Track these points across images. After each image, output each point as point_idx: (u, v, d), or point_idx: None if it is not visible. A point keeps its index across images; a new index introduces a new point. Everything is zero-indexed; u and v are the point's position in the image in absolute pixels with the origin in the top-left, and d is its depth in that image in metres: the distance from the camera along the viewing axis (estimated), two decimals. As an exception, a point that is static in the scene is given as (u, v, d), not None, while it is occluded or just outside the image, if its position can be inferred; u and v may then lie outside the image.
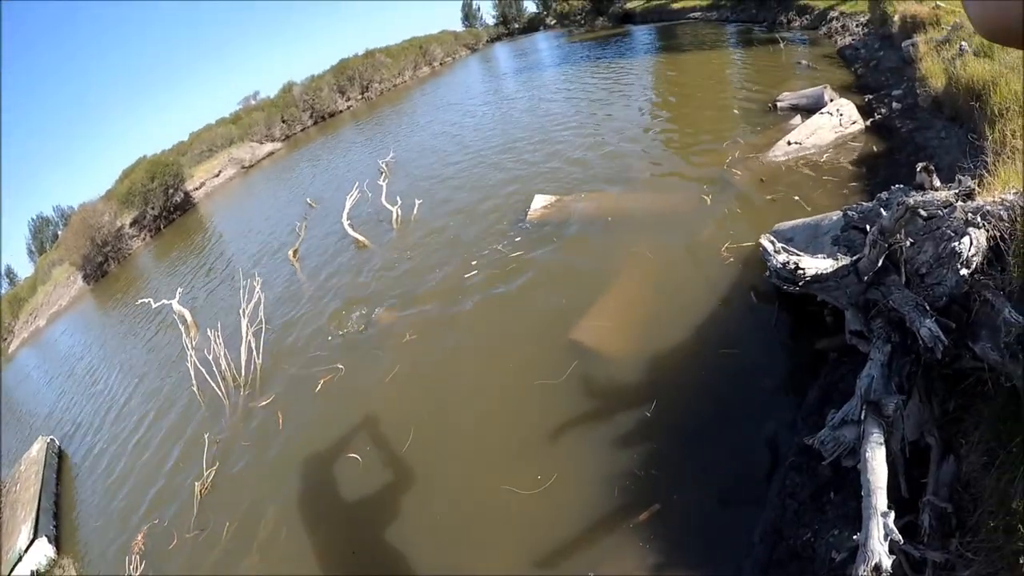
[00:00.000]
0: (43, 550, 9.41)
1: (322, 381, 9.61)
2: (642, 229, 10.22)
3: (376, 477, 7.24)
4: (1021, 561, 2.84)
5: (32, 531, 9.65)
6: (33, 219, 56.79)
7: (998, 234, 3.98)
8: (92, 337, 22.19)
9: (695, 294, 8.03)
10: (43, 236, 55.03)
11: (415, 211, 15.45)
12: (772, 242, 6.86)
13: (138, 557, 7.89)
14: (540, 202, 12.52)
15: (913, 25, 13.07)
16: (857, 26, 18.85)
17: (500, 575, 5.42)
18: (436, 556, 5.95)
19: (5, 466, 13.01)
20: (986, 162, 5.58)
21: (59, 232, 50.03)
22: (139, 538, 8.29)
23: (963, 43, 9.67)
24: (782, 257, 6.42)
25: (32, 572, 9.15)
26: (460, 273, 11.23)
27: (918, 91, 10.38)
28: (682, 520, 5.26)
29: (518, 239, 11.64)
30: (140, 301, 16.61)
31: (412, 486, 6.92)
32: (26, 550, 9.35)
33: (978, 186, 4.59)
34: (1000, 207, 4.09)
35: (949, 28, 11.28)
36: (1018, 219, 3.90)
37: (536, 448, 6.64)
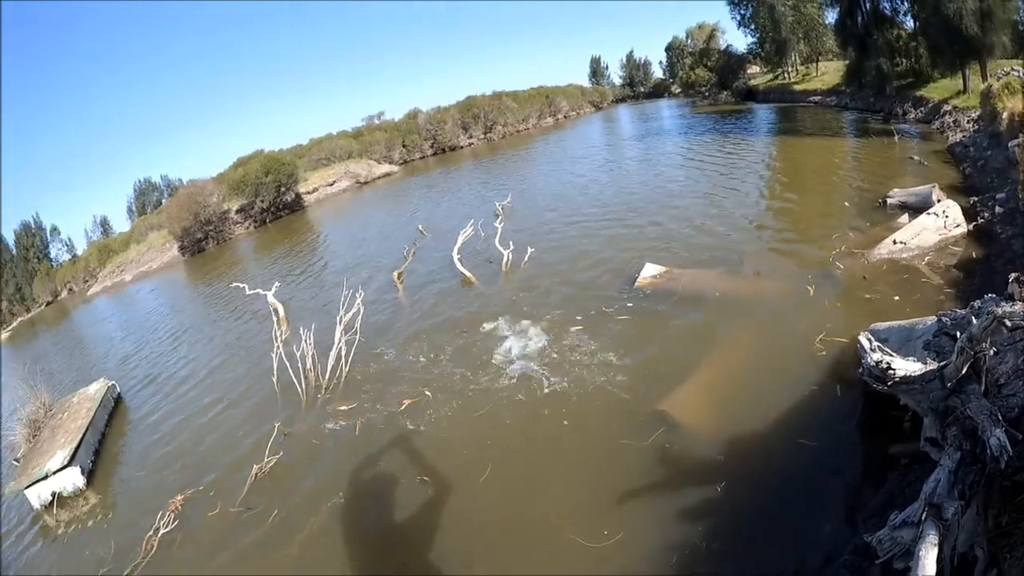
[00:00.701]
0: (72, 478, 9.87)
1: (407, 402, 9.74)
2: (743, 311, 10.17)
3: (440, 504, 7.31)
4: None
5: (69, 458, 10.06)
6: (139, 181, 59.63)
7: None
8: (179, 303, 23.14)
9: (783, 381, 7.93)
10: (145, 199, 57.74)
11: (527, 258, 15.53)
12: (869, 340, 6.81)
13: (172, 515, 8.21)
14: (650, 271, 12.52)
15: (1021, 123, 12.60)
16: (968, 122, 18.32)
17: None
18: None
19: (58, 393, 13.66)
20: None
21: (163, 200, 52.66)
22: (179, 498, 8.62)
23: None
24: (876, 356, 6.36)
25: (53, 493, 9.66)
26: (564, 325, 11.27)
27: (1020, 195, 10.06)
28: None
29: (623, 302, 11.64)
30: (234, 284, 17.34)
31: (477, 518, 6.97)
32: (56, 472, 9.79)
33: None
34: None
35: None
36: None
37: (607, 505, 6.65)
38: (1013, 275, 4.90)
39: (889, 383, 5.88)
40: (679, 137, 32.93)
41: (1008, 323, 4.06)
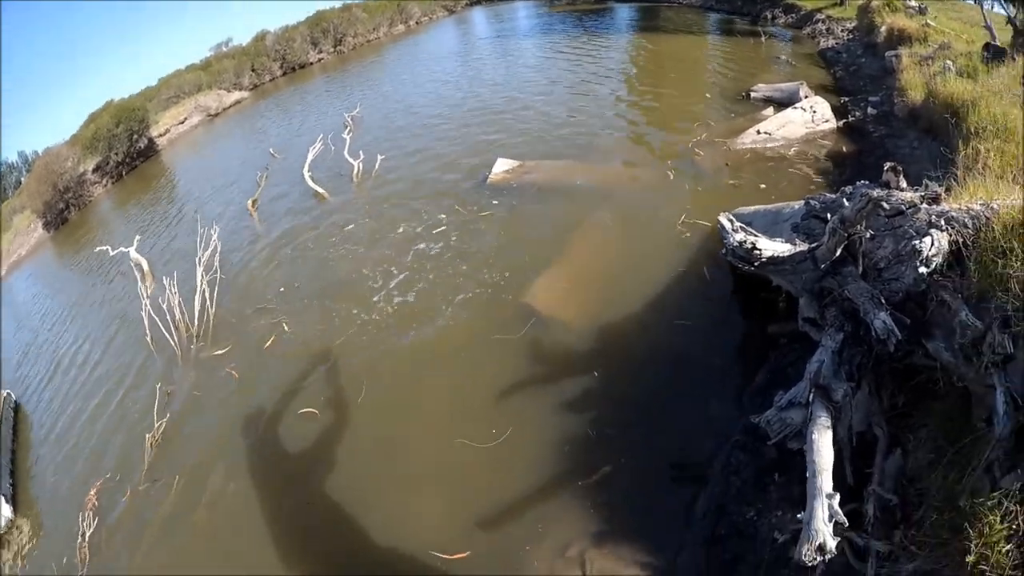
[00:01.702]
0: (0, 512, 9.13)
1: (274, 336, 9.55)
2: (601, 199, 10.31)
3: (327, 431, 7.27)
4: (968, 560, 2.91)
5: None
6: None
7: (961, 240, 4.08)
8: (50, 287, 21.46)
9: (650, 266, 8.17)
10: (6, 183, 52.72)
11: (376, 166, 15.29)
12: (731, 220, 6.91)
13: (91, 514, 7.73)
14: (502, 166, 12.49)
15: (899, 38, 13.31)
16: (842, 31, 18.94)
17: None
18: (388, 507, 6.04)
19: None
20: (956, 174, 5.71)
21: (23, 179, 48.09)
22: (92, 494, 8.11)
23: (948, 62, 9.85)
24: (739, 236, 6.47)
25: None
26: (416, 230, 11.23)
27: (895, 100, 10.55)
28: (627, 488, 5.40)
29: (477, 200, 11.64)
30: (98, 249, 16.17)
31: (364, 439, 6.99)
32: None
33: (945, 194, 4.70)
34: (966, 215, 4.18)
35: (936, 46, 11.45)
36: (982, 228, 3.99)
37: (491, 403, 6.77)
38: (889, 164, 5.06)
39: (756, 263, 6.05)
40: (536, 37, 32.30)
41: (886, 205, 4.19)
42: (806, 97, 11.92)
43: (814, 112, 11.07)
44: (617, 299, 7.71)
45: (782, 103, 12.31)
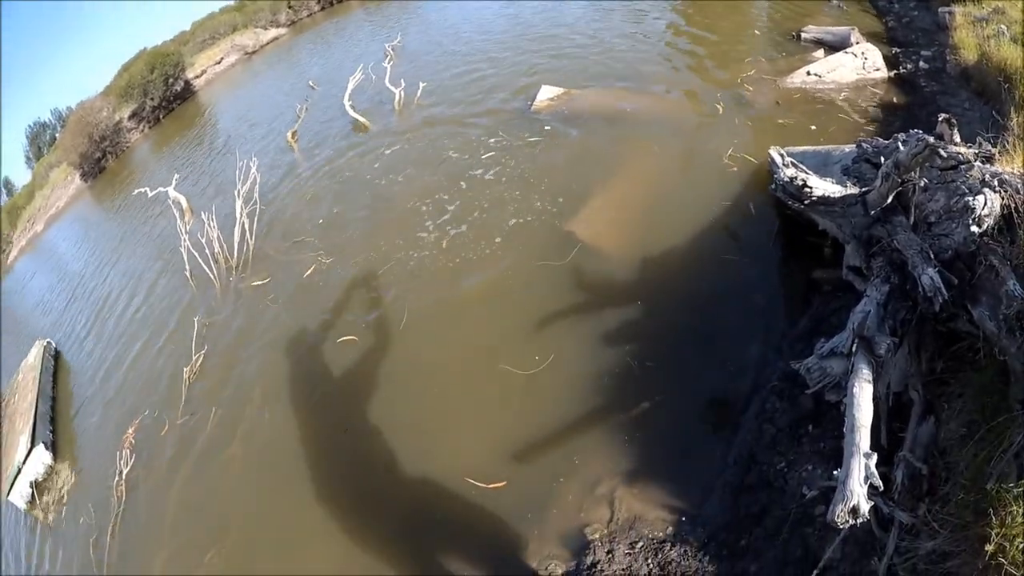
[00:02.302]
0: (40, 458, 9.45)
1: (314, 266, 9.65)
2: (648, 128, 10.06)
3: (366, 358, 7.38)
4: (987, 548, 2.80)
5: (30, 440, 9.64)
6: (30, 126, 54.09)
7: (1013, 204, 3.88)
8: (89, 236, 21.82)
9: (695, 198, 8.00)
10: (40, 141, 52.72)
11: (419, 94, 15.02)
12: (781, 155, 6.73)
13: (128, 451, 7.96)
14: (547, 93, 12.20)
15: None
16: None
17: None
18: (426, 434, 6.17)
19: (5, 375, 12.94)
20: (1007, 140, 5.43)
21: (57, 136, 48.29)
22: (130, 432, 8.34)
23: (1003, 26, 9.32)
24: (790, 171, 6.30)
25: (31, 483, 9.24)
26: (459, 158, 11.16)
27: (948, 57, 9.99)
28: (661, 427, 5.41)
29: (520, 127, 11.46)
30: (136, 192, 16.36)
31: (403, 365, 7.08)
32: (24, 461, 9.38)
33: (998, 155, 4.49)
34: (1019, 179, 3.97)
35: (990, 9, 10.85)
36: None
37: (534, 331, 6.81)
38: (944, 116, 4.80)
39: (806, 201, 5.85)
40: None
41: (942, 153, 3.99)
42: (857, 43, 11.34)
43: (865, 59, 10.55)
44: (661, 229, 7.60)
45: (833, 47, 11.71)
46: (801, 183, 5.86)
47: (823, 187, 5.74)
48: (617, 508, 4.89)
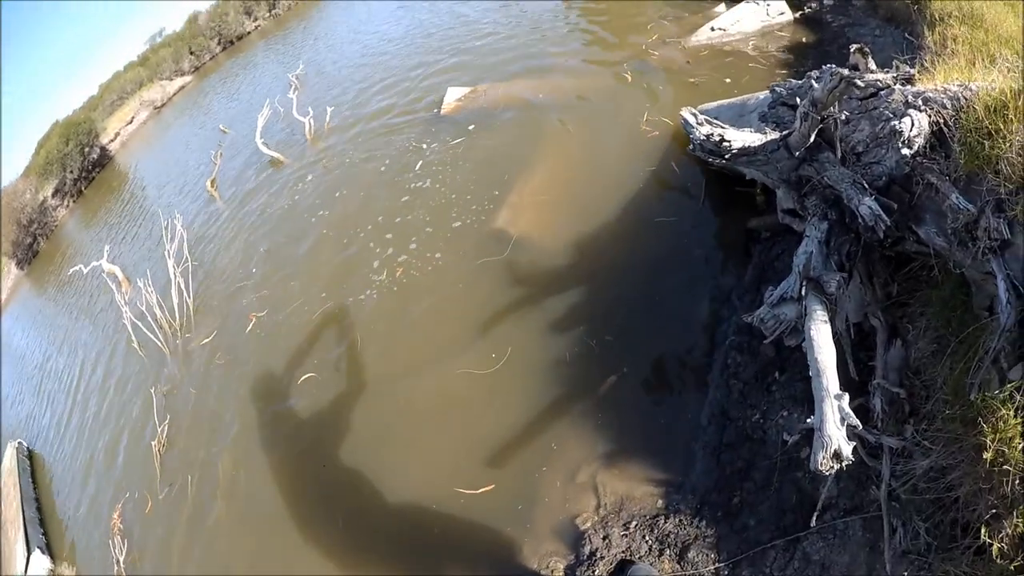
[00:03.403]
0: (40, 563, 9.14)
1: (256, 312, 9.47)
2: (560, 110, 10.11)
3: (329, 392, 7.28)
4: (985, 456, 2.82)
5: (25, 548, 9.37)
6: None
7: (942, 120, 3.89)
8: (36, 324, 21.21)
9: (618, 170, 8.06)
10: None
11: (328, 119, 14.91)
12: (694, 114, 6.68)
13: (119, 537, 7.73)
14: (454, 95, 12.19)
15: None
16: None
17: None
18: (403, 453, 6.13)
19: None
20: (924, 59, 5.51)
21: None
22: (116, 516, 8.13)
23: None
24: (705, 129, 6.25)
25: None
26: (377, 177, 11.07)
27: None
28: (628, 401, 5.44)
29: (433, 133, 11.40)
30: (71, 271, 15.98)
31: (371, 390, 7.00)
32: (25, 571, 9.10)
33: (918, 77, 4.53)
34: (943, 95, 3.98)
35: None
36: (962, 109, 3.78)
37: (485, 331, 6.81)
38: (855, 45, 4.84)
39: (727, 156, 5.83)
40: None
41: (859, 83, 3.98)
42: (758, -10, 11.54)
43: (768, 5, 10.64)
44: (591, 206, 7.64)
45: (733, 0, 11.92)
46: (719, 138, 5.81)
47: (742, 138, 5.72)
48: (602, 492, 4.89)
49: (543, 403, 5.72)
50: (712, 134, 5.96)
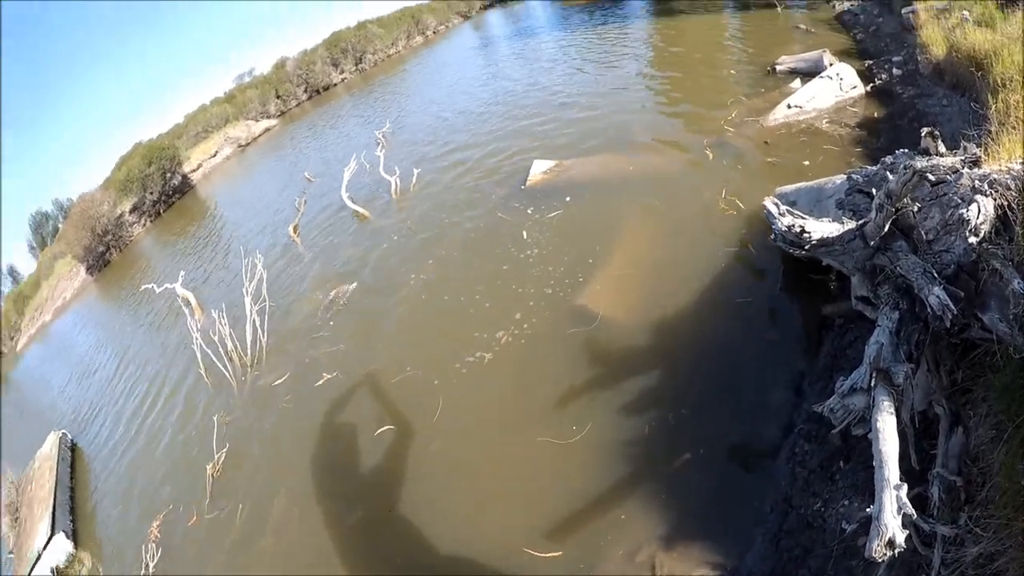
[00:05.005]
0: (61, 546, 9.40)
1: (329, 357, 9.64)
2: (643, 187, 10.22)
3: (402, 448, 7.30)
4: None
5: (49, 528, 9.63)
6: (33, 215, 55.30)
7: (1005, 203, 3.91)
8: (99, 328, 22.10)
9: (698, 250, 8.11)
10: (44, 231, 53.42)
11: (414, 180, 15.33)
12: (776, 204, 6.81)
13: (155, 546, 7.92)
14: (540, 167, 12.41)
15: None
16: None
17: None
18: (474, 505, 6.13)
19: (20, 464, 12.89)
20: (989, 131, 5.51)
21: (59, 226, 48.85)
22: (155, 526, 8.32)
23: (964, 12, 9.53)
24: (787, 220, 6.39)
25: (52, 569, 9.16)
26: (463, 240, 11.23)
27: (919, 58, 10.21)
28: (695, 484, 5.36)
29: (518, 205, 11.55)
30: (144, 287, 16.54)
31: (444, 449, 7.01)
32: (44, 548, 9.35)
33: (984, 155, 4.53)
34: (1007, 176, 4.01)
35: None
36: None
37: (566, 402, 6.78)
38: (926, 129, 4.89)
39: (807, 247, 5.95)
40: (553, 32, 32.11)
41: (931, 176, 4.05)
42: (831, 65, 11.66)
43: (841, 79, 10.81)
44: (672, 284, 7.69)
45: (808, 73, 12.03)
46: (799, 230, 5.96)
47: (821, 229, 5.82)
48: (660, 573, 4.81)
49: (615, 477, 5.70)
50: (793, 225, 6.08)
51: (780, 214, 6.58)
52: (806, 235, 5.90)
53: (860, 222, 5.11)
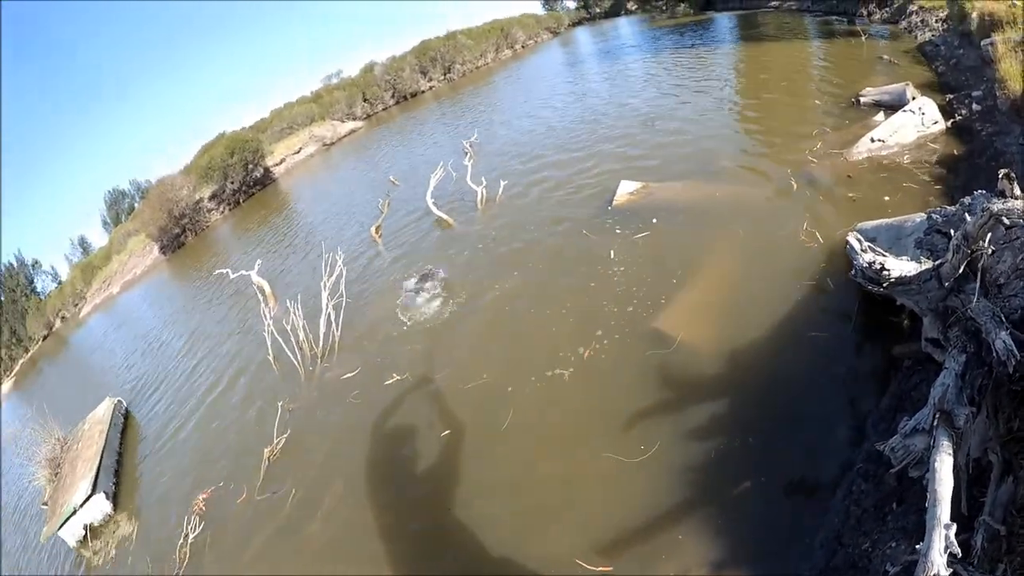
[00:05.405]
0: (99, 505, 9.81)
1: (402, 357, 9.80)
2: (726, 215, 10.15)
3: (463, 450, 7.40)
4: None
5: (91, 487, 9.99)
6: (109, 191, 57.70)
7: None
8: (167, 305, 22.99)
9: (777, 280, 8.02)
10: (119, 208, 55.90)
11: (500, 192, 15.42)
12: (859, 240, 6.78)
13: (198, 518, 8.20)
14: (626, 188, 12.42)
15: (991, 23, 12.28)
16: (936, 21, 17.72)
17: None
18: (530, 513, 6.20)
19: (70, 424, 13.49)
20: None
21: (135, 204, 50.84)
22: (201, 498, 8.62)
23: None
24: (868, 256, 6.35)
25: (85, 526, 9.60)
26: (548, 254, 11.29)
27: (997, 93, 9.91)
28: (750, 513, 5.32)
29: (604, 224, 11.54)
30: (217, 271, 17.12)
31: (507, 456, 7.07)
32: (82, 504, 9.71)
33: None
34: None
35: None
36: None
37: (633, 424, 6.79)
38: (1003, 171, 4.79)
39: (885, 284, 5.90)
40: (639, 53, 32.21)
41: (1006, 220, 3.99)
42: (913, 99, 11.39)
43: (923, 114, 10.56)
44: (749, 313, 7.65)
45: (891, 106, 11.77)
46: (879, 267, 5.92)
47: (899, 267, 5.77)
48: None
49: (675, 499, 5.70)
50: (874, 262, 6.05)
51: (862, 250, 6.53)
52: (885, 272, 5.86)
53: (937, 262, 5.07)
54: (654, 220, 10.94)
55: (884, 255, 6.20)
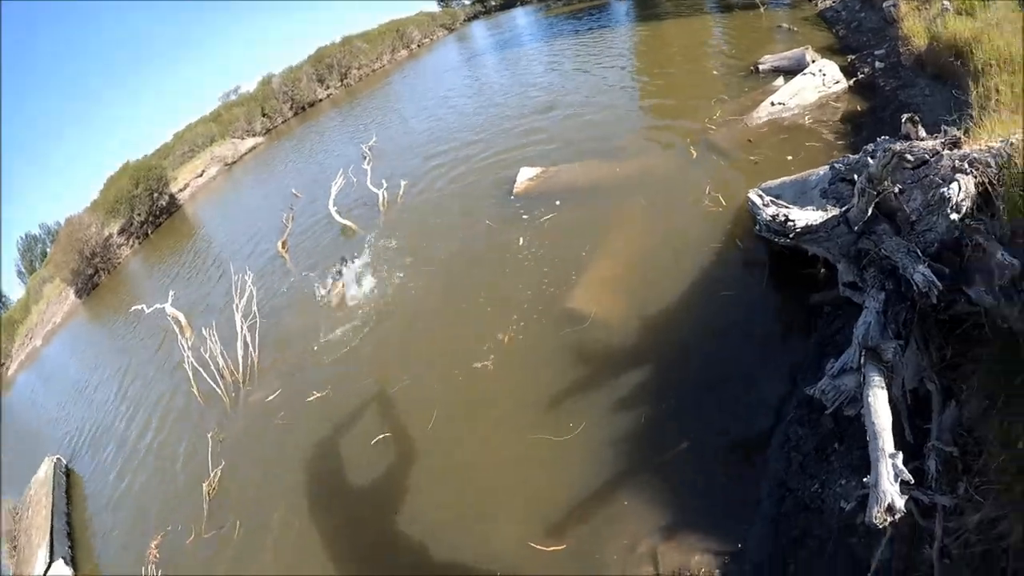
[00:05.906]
0: (61, 572, 9.28)
1: (322, 371, 9.61)
2: (629, 189, 10.33)
3: (397, 457, 7.29)
4: None
5: (48, 555, 9.52)
6: (21, 239, 54.95)
7: (986, 180, 3.99)
8: (88, 351, 21.96)
9: (685, 246, 8.21)
10: (32, 255, 53.18)
11: (401, 192, 15.40)
12: (760, 196, 6.94)
13: (154, 566, 7.85)
14: (526, 174, 12.49)
15: None
16: None
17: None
18: (475, 513, 6.10)
19: (16, 491, 12.74)
20: (971, 115, 5.58)
21: (47, 250, 48.58)
22: (153, 546, 8.25)
23: (945, 2, 9.65)
24: (771, 210, 6.48)
25: None
26: (452, 252, 11.26)
27: (901, 50, 10.36)
28: (690, 474, 5.39)
29: (507, 212, 11.61)
30: (133, 308, 16.45)
31: (440, 453, 7.02)
32: (44, 575, 9.25)
33: (964, 137, 4.60)
34: (987, 154, 4.09)
35: None
36: (1005, 165, 3.89)
37: (558, 401, 6.82)
38: (907, 115, 4.95)
39: (791, 235, 6.05)
40: (536, 42, 32.57)
41: (910, 157, 4.12)
42: (813, 61, 11.82)
43: (824, 75, 10.95)
44: (661, 282, 7.76)
45: (791, 71, 12.16)
46: (783, 219, 6.06)
47: (805, 217, 5.91)
48: (660, 563, 4.83)
49: (613, 472, 5.72)
50: (777, 215, 6.18)
51: (764, 204, 6.68)
52: (790, 223, 5.99)
53: (844, 208, 5.21)
54: (557, 203, 11.07)
55: (787, 207, 6.37)
